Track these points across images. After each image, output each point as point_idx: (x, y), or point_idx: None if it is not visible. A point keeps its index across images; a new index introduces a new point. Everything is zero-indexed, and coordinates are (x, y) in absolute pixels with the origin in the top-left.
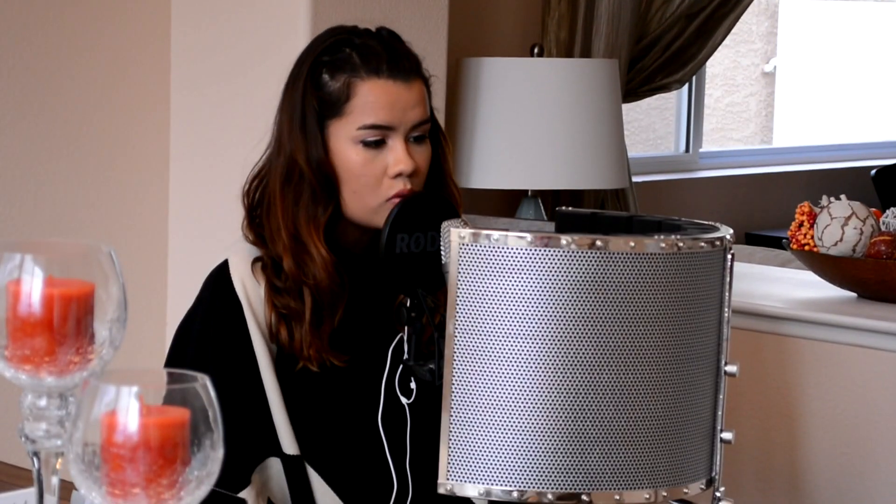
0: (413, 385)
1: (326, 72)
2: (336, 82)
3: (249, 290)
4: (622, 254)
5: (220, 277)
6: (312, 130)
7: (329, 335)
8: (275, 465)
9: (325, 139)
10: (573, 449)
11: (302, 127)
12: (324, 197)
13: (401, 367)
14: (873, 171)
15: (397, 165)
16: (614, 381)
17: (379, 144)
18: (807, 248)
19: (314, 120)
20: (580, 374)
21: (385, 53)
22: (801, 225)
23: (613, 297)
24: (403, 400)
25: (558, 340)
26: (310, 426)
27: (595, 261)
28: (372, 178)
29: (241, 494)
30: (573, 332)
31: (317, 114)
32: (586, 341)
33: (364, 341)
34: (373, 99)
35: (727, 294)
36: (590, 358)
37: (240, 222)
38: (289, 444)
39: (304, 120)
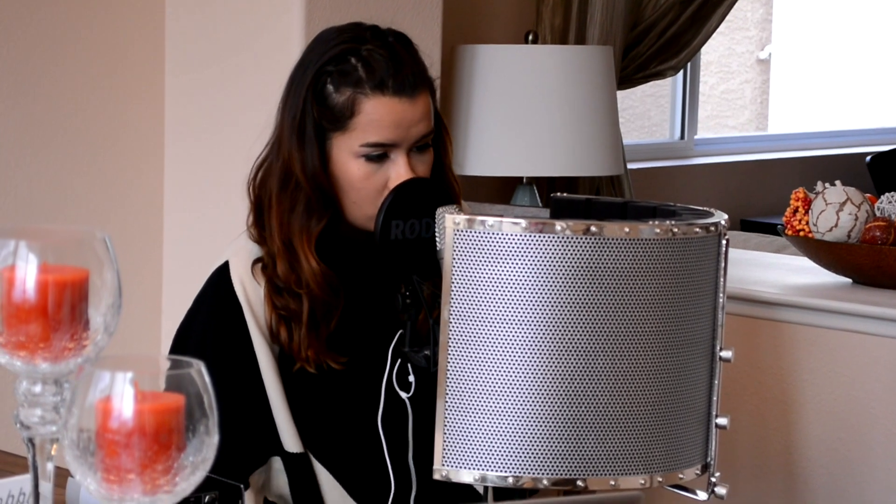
0: (412, 378)
1: (331, 83)
2: (340, 96)
3: (249, 291)
4: (617, 239)
5: (220, 279)
6: (310, 141)
7: (326, 337)
8: (275, 465)
9: (326, 149)
10: (568, 435)
11: (300, 136)
12: (318, 208)
13: (398, 361)
14: (868, 158)
15: (399, 180)
16: (609, 367)
17: (381, 158)
18: (802, 233)
19: (313, 130)
20: (575, 359)
21: (392, 67)
22: (796, 211)
23: (608, 283)
24: (403, 395)
25: (553, 326)
26: (313, 424)
27: (590, 247)
28: (372, 190)
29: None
30: (568, 318)
31: (317, 124)
32: (581, 327)
33: (363, 342)
34: (377, 117)
35: (722, 280)
36: (584, 344)
37: (235, 208)
38: (291, 443)
39: (303, 129)
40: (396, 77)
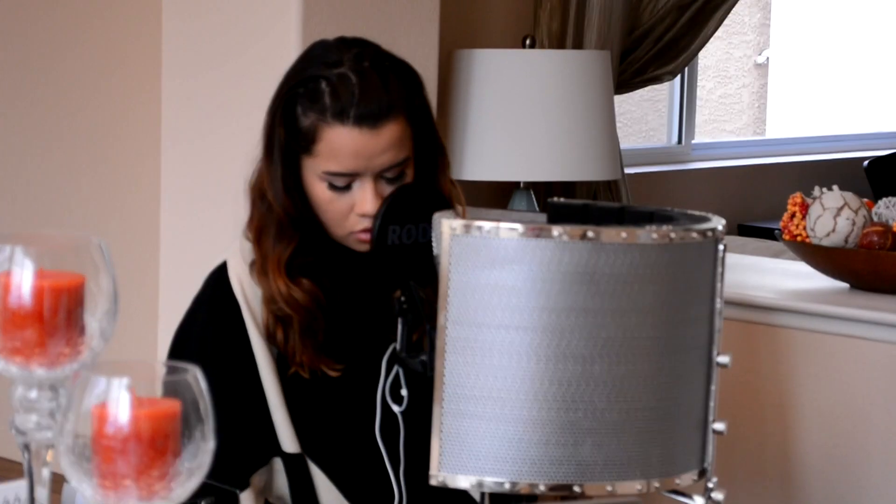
0: (404, 392)
1: (300, 104)
2: (306, 119)
3: (248, 291)
4: (614, 244)
5: (218, 279)
6: (276, 165)
7: (319, 345)
8: (275, 465)
9: (297, 169)
10: (565, 440)
11: (269, 157)
12: (287, 235)
13: (394, 371)
14: (866, 162)
15: (363, 207)
16: (606, 373)
17: (346, 185)
18: (799, 238)
19: (280, 154)
20: (572, 365)
21: (357, 95)
22: (793, 216)
23: (605, 288)
24: (395, 408)
25: (550, 331)
26: (310, 425)
27: (587, 251)
28: (338, 213)
29: (240, 497)
30: (565, 323)
31: (284, 147)
32: (578, 332)
33: (360, 349)
34: (336, 147)
35: (719, 285)
36: (581, 349)
37: (232, 214)
38: (289, 443)
39: (272, 151)
40: (359, 106)
